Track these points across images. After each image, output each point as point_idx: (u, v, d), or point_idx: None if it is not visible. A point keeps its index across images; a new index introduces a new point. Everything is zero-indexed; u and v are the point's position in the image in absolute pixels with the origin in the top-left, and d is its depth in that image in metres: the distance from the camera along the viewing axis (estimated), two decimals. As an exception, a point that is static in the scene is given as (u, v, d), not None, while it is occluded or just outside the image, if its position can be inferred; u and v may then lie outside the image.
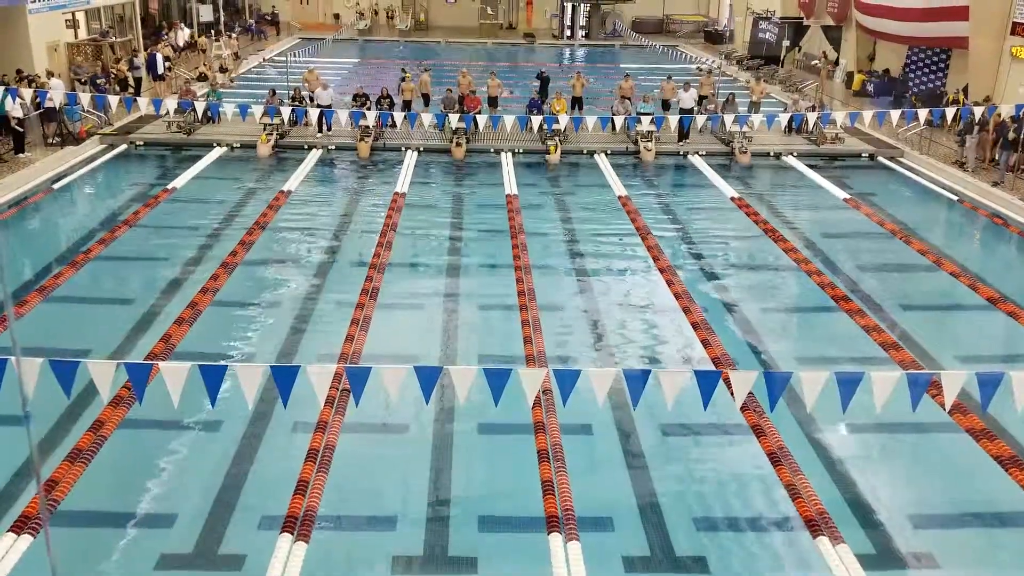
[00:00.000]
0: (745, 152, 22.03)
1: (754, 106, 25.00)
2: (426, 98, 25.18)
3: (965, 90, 24.70)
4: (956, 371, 8.00)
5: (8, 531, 7.64)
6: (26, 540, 7.56)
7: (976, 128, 20.58)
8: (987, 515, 8.79)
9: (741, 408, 9.19)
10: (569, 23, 49.04)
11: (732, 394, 7.91)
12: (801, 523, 8.20)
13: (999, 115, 19.56)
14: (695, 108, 23.75)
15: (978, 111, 19.45)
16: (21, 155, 19.51)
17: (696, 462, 9.59)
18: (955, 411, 9.52)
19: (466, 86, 24.28)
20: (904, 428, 10.04)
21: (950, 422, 9.70)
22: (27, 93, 18.91)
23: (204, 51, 34.56)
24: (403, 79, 24.72)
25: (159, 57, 28.04)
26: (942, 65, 27.65)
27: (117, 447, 9.14)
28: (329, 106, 23.35)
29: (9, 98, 18.68)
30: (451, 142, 21.95)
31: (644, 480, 9.09)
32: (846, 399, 7.62)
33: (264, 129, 21.65)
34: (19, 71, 22.06)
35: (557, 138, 21.78)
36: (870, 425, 10.03)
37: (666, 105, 24.96)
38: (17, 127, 19.43)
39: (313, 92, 24.01)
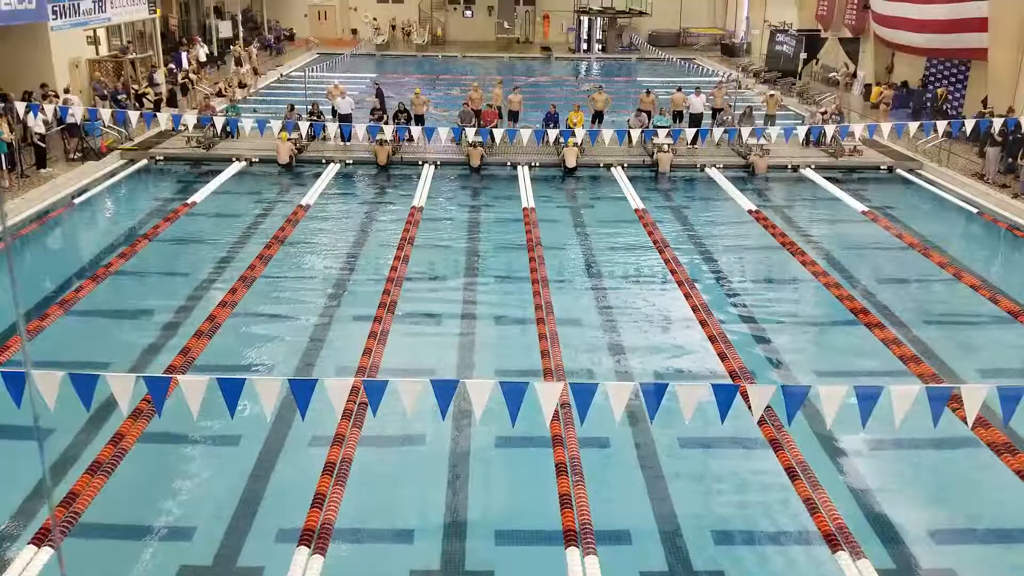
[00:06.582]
0: (762, 156, 21.99)
1: (769, 119, 24.96)
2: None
3: (984, 102, 24.53)
4: (977, 385, 7.93)
5: (29, 543, 7.70)
6: (47, 552, 7.60)
7: (998, 140, 20.40)
8: (1010, 531, 8.70)
9: (759, 422, 9.15)
10: (586, 37, 49.16)
11: (750, 408, 7.88)
12: (820, 538, 8.12)
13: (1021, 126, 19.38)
14: (703, 113, 23.80)
15: (997, 123, 19.30)
16: (43, 170, 19.75)
17: (714, 476, 9.53)
18: (976, 425, 9.42)
19: (478, 100, 24.36)
20: (925, 442, 9.96)
21: (971, 436, 9.61)
22: (48, 109, 19.14)
23: (239, 59, 34.78)
24: (415, 93, 24.91)
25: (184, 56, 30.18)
26: (961, 77, 27.50)
27: (136, 460, 9.19)
28: (349, 116, 23.55)
29: (31, 114, 18.94)
30: (467, 154, 22.04)
31: (662, 494, 9.05)
32: (865, 413, 7.58)
33: (283, 128, 21.60)
34: (43, 85, 22.28)
35: (576, 146, 21.80)
36: (890, 439, 9.95)
37: (678, 116, 25.03)
38: (39, 142, 19.68)
39: (334, 103, 24.23)
